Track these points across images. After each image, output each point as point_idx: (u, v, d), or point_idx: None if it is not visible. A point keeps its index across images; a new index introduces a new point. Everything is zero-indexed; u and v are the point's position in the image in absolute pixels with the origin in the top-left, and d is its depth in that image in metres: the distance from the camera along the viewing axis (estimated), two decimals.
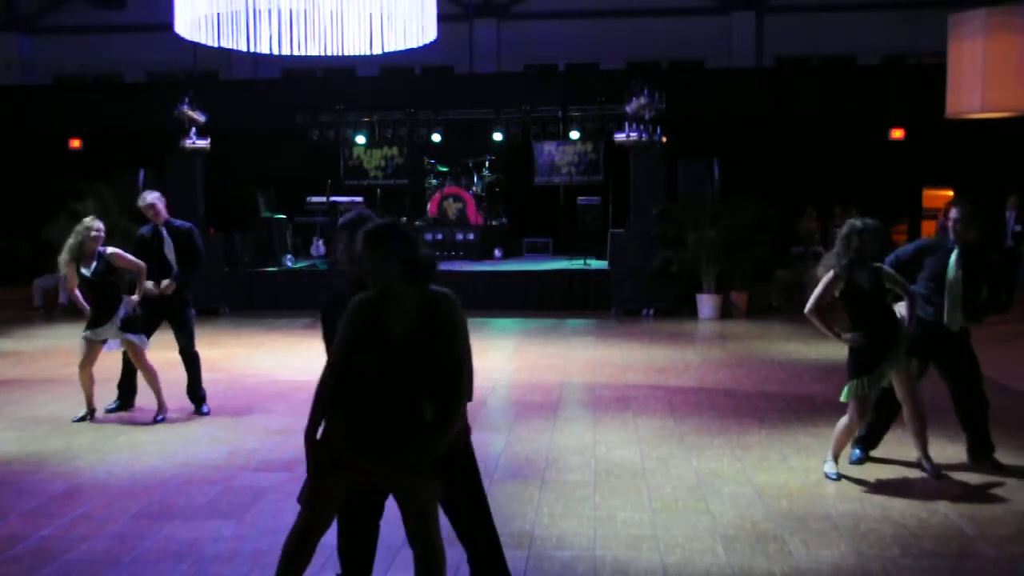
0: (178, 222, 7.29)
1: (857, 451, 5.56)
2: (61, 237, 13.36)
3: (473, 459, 3.51)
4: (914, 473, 5.32)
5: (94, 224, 6.64)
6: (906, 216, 17.29)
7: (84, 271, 6.59)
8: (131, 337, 6.64)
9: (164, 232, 7.17)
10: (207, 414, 6.97)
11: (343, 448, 3.11)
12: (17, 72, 21.36)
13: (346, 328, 3.08)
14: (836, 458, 5.32)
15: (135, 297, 6.69)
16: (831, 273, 5.11)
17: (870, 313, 5.10)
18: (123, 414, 7.01)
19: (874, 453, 5.67)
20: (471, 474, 3.50)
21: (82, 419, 6.76)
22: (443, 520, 3.58)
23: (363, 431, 3.10)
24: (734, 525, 4.50)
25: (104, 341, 6.70)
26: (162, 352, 7.26)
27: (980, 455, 5.48)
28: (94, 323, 6.69)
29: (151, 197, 7.19)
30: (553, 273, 13.78)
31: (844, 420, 5.21)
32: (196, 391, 7.10)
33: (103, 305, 6.66)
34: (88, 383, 6.77)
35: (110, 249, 6.65)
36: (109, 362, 7.06)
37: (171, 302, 7.00)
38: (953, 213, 5.48)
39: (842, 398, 5.19)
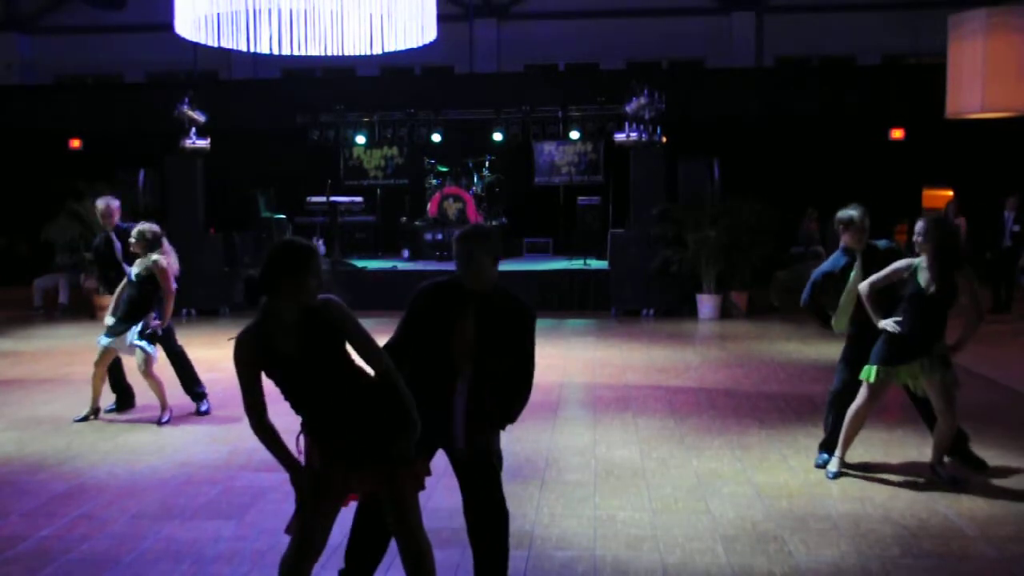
0: (124, 224, 7.20)
1: (825, 455, 5.52)
2: (61, 237, 13.55)
3: (493, 466, 3.53)
4: (914, 473, 5.31)
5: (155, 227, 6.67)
6: (906, 216, 17.28)
7: (132, 270, 6.59)
8: (144, 345, 6.62)
9: (114, 236, 7.12)
10: (207, 412, 6.96)
11: (320, 467, 3.14)
12: (17, 72, 21.37)
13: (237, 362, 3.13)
14: (843, 455, 5.28)
15: (157, 321, 6.65)
16: (904, 263, 5.03)
17: (922, 312, 4.99)
18: (123, 414, 6.99)
19: (875, 454, 5.66)
20: (491, 481, 3.53)
21: (84, 419, 6.75)
22: (447, 522, 3.58)
23: (323, 446, 3.14)
24: (734, 525, 4.50)
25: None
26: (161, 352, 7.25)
27: (953, 450, 5.40)
28: (115, 329, 6.63)
29: (114, 204, 7.11)
30: (553, 273, 13.78)
31: (854, 405, 5.20)
32: (193, 387, 7.04)
33: (131, 310, 6.61)
34: (100, 383, 6.75)
35: (154, 256, 6.56)
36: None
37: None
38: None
39: (861, 375, 5.16)
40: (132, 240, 6.60)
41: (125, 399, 7.13)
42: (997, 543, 4.25)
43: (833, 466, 5.29)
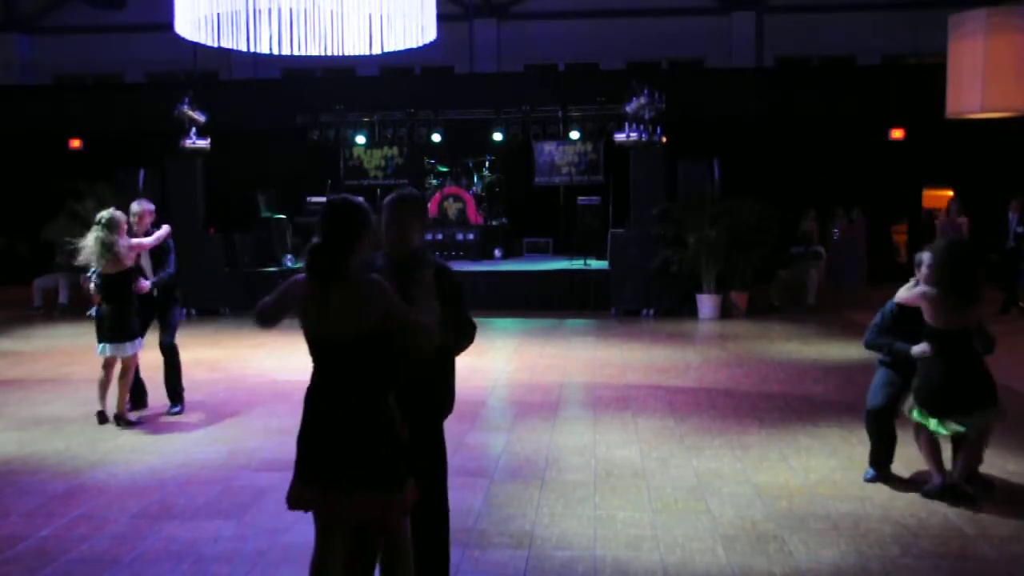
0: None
1: (871, 470, 5.36)
2: (61, 237, 13.54)
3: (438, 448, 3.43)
4: (914, 474, 5.31)
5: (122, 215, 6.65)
6: (906, 216, 17.29)
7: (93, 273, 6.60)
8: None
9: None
10: (178, 413, 6.95)
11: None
12: (17, 72, 21.36)
13: None
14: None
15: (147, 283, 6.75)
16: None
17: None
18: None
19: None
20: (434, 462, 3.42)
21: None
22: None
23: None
24: (734, 525, 4.50)
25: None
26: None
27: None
28: (113, 335, 6.58)
29: (149, 207, 7.15)
30: (553, 273, 13.78)
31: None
32: (175, 387, 7.06)
33: (120, 308, 6.60)
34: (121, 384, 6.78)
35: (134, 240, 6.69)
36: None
37: (159, 302, 7.01)
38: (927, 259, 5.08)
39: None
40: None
41: (138, 397, 7.11)
42: (997, 543, 4.25)
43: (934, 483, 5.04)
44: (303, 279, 3.04)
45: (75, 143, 17.94)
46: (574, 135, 16.65)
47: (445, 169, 16.46)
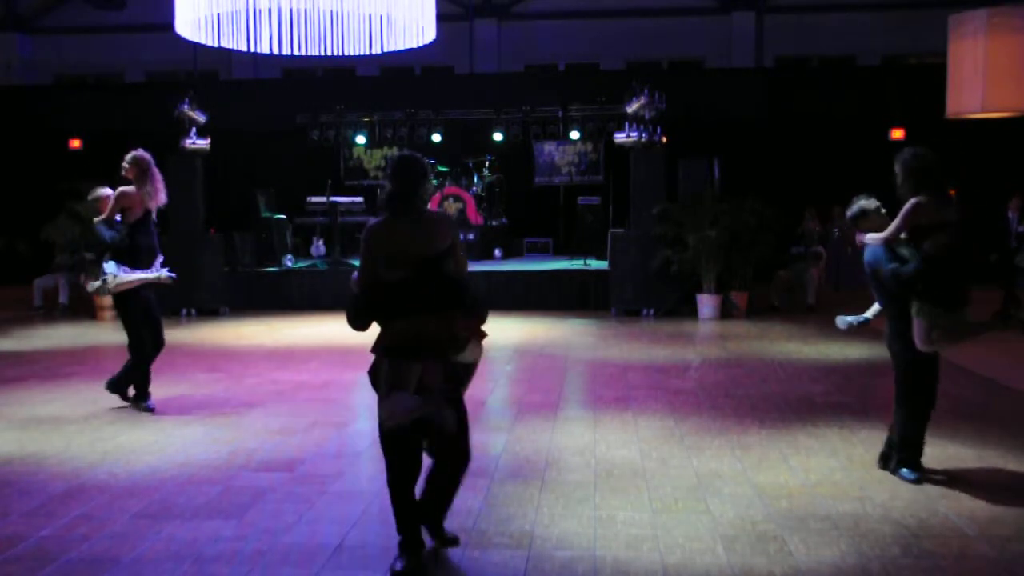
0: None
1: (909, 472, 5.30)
2: (61, 237, 13.55)
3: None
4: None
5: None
6: None
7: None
8: None
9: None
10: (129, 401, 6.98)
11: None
12: (17, 72, 21.38)
13: None
14: None
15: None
16: None
17: None
18: (124, 413, 6.96)
19: (877, 455, 5.65)
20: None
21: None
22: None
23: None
24: (734, 525, 4.50)
25: None
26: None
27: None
28: None
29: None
30: (553, 273, 13.78)
31: None
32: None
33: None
34: None
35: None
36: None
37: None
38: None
39: None
40: None
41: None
42: (997, 543, 4.25)
43: None
44: (378, 222, 3.99)
45: (75, 143, 17.94)
46: (574, 135, 16.66)
47: (445, 169, 16.46)
